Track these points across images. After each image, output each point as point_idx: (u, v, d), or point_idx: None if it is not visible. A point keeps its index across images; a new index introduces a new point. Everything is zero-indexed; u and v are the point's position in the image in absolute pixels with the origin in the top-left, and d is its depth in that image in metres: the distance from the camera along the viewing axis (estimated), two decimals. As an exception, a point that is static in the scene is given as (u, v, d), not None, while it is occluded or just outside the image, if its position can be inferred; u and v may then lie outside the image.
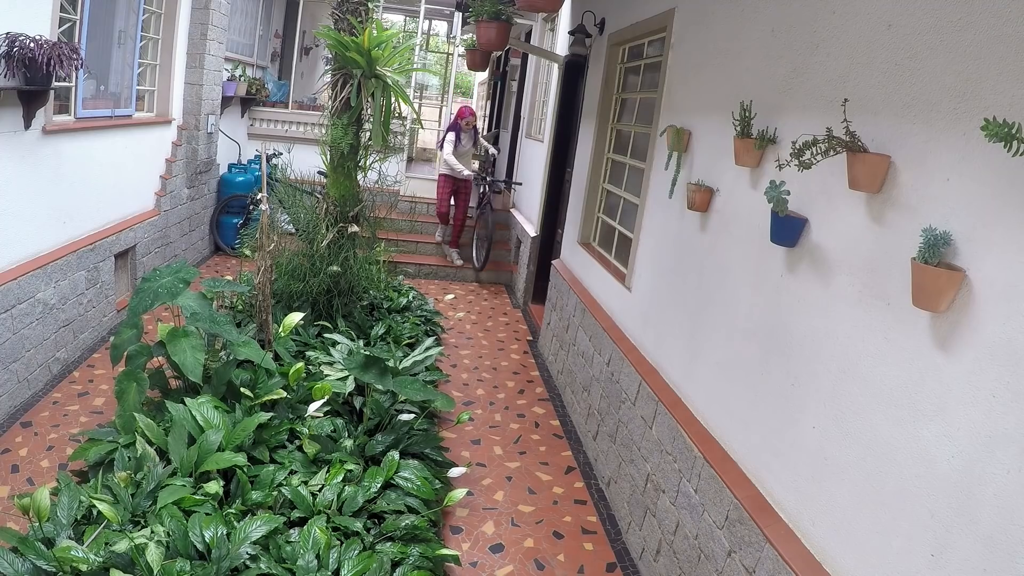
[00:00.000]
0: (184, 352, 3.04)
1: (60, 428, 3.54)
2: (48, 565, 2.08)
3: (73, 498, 2.40)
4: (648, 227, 3.55)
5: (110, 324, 4.82)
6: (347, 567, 2.38)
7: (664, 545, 2.79)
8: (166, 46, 5.74)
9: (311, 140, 7.49)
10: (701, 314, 2.79)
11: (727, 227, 2.64)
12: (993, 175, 1.41)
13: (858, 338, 1.80)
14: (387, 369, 3.40)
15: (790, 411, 2.08)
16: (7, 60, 3.19)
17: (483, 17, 5.09)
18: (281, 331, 3.60)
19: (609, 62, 4.59)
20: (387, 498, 2.87)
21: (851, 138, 1.74)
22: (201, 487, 2.60)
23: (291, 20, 9.47)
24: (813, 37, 2.13)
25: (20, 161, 3.61)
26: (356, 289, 4.75)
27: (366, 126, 4.49)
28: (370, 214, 4.86)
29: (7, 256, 3.59)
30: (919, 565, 1.51)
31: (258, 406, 3.12)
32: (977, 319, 1.42)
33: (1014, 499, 1.30)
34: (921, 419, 1.55)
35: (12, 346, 3.57)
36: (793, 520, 2.02)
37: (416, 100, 10.07)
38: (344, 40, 4.11)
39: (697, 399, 2.76)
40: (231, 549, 2.27)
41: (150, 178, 5.62)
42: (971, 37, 1.50)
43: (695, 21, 3.17)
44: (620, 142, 4.52)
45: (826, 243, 1.98)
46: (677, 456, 2.76)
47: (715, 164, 2.78)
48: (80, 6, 4.15)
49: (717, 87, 2.82)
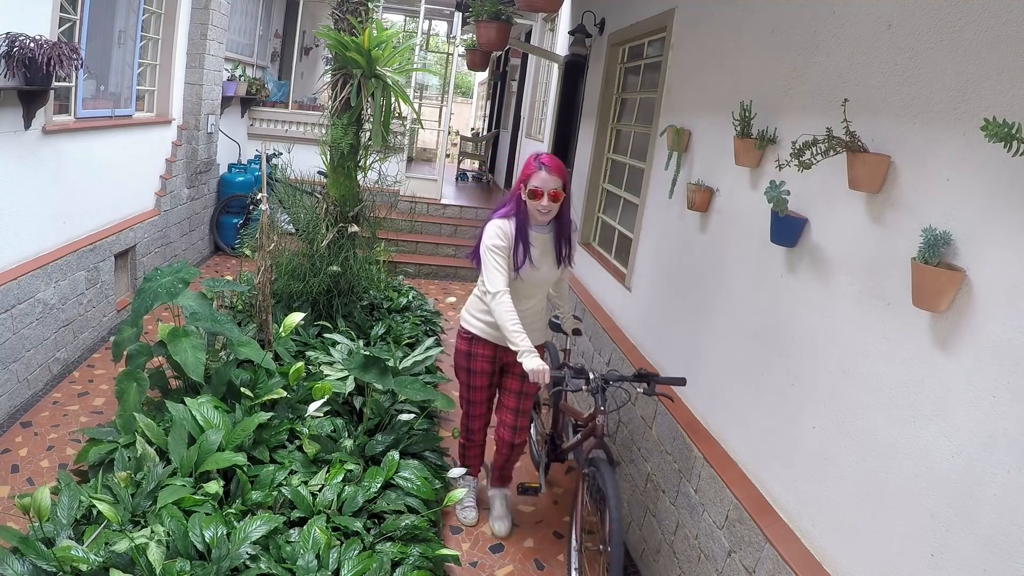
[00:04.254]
0: (185, 352, 3.04)
1: (60, 428, 3.54)
2: (48, 565, 2.08)
3: (73, 498, 2.39)
4: (648, 227, 3.55)
5: (110, 324, 4.81)
6: (347, 567, 2.38)
7: (664, 545, 2.78)
8: (166, 46, 5.74)
9: (311, 140, 7.49)
10: (701, 314, 2.79)
11: (727, 227, 2.64)
12: (993, 175, 1.41)
13: (858, 338, 1.80)
14: (387, 369, 3.40)
15: (790, 411, 2.08)
16: (7, 60, 3.19)
17: (483, 17, 5.10)
18: (281, 331, 3.59)
19: (609, 62, 4.59)
20: (387, 498, 2.87)
21: (851, 138, 1.74)
22: (201, 487, 2.60)
23: (291, 20, 9.47)
24: (813, 37, 2.13)
25: (20, 161, 3.61)
26: (356, 289, 4.75)
27: (366, 126, 4.49)
28: (370, 214, 4.86)
29: (7, 256, 3.59)
30: (919, 565, 1.51)
31: (258, 406, 3.11)
32: (977, 319, 1.42)
33: (1014, 499, 1.30)
34: (921, 419, 1.55)
35: (12, 346, 3.57)
36: (793, 520, 2.02)
37: (416, 100, 10.07)
38: (344, 40, 4.11)
39: (697, 399, 2.76)
40: (231, 549, 2.27)
41: (150, 178, 5.61)
42: (971, 37, 1.50)
43: (695, 21, 3.17)
44: (620, 142, 4.52)
45: (826, 243, 1.98)
46: (677, 456, 2.76)
47: (715, 164, 2.78)
48: (80, 6, 4.14)
49: (717, 87, 2.82)
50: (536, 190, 2.63)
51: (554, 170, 2.64)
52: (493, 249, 2.64)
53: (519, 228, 2.69)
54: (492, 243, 2.64)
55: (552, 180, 2.63)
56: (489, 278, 2.62)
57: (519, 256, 2.69)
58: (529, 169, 2.67)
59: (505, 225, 2.69)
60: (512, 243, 2.68)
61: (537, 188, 2.63)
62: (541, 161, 2.65)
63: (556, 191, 2.63)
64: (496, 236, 2.66)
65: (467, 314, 2.97)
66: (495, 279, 2.60)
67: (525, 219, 2.70)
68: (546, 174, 2.63)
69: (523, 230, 2.70)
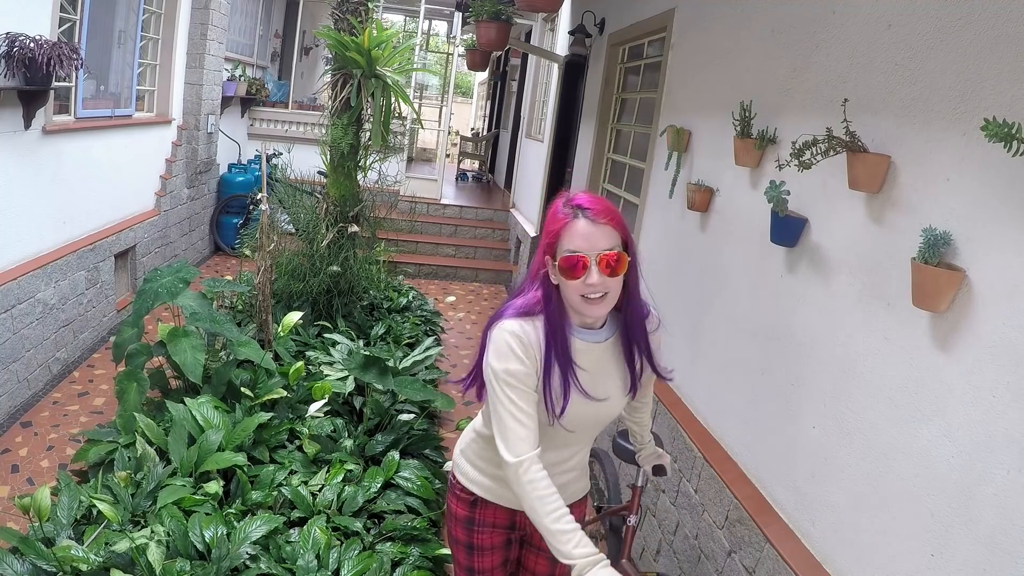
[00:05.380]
0: (184, 352, 3.04)
1: (60, 428, 3.54)
2: (48, 565, 2.08)
3: (73, 498, 2.40)
4: (648, 227, 3.55)
5: (110, 324, 4.81)
6: (347, 567, 2.38)
7: (664, 545, 2.79)
8: (166, 46, 5.74)
9: (311, 140, 7.48)
10: (701, 314, 2.79)
11: (727, 227, 2.64)
12: (993, 175, 1.41)
13: (858, 338, 1.79)
14: (387, 369, 3.40)
15: (790, 411, 2.08)
16: (7, 60, 3.19)
17: (483, 17, 5.10)
18: (281, 331, 3.60)
19: (609, 62, 4.59)
20: (387, 498, 2.87)
21: (851, 138, 1.74)
22: (201, 487, 2.60)
23: (291, 20, 9.47)
24: (813, 37, 2.13)
25: (20, 161, 3.61)
26: (356, 289, 4.75)
27: (366, 126, 4.49)
28: (370, 214, 4.86)
29: (7, 256, 3.59)
30: (919, 565, 1.51)
31: (258, 406, 3.12)
32: (977, 319, 1.42)
33: (1014, 499, 1.30)
34: (921, 419, 1.55)
35: (12, 346, 3.57)
36: (793, 520, 2.02)
37: (416, 100, 10.06)
38: (344, 40, 4.11)
39: (697, 399, 2.76)
40: (231, 549, 2.27)
41: (150, 178, 5.61)
42: (971, 37, 1.50)
43: (695, 21, 3.17)
44: (620, 142, 4.52)
45: (826, 243, 1.98)
46: (677, 456, 2.76)
47: (715, 164, 2.78)
48: (80, 6, 4.14)
49: (717, 87, 2.82)
50: (574, 258, 1.38)
51: (602, 215, 1.40)
52: (507, 380, 1.42)
53: (552, 335, 1.45)
54: (505, 367, 1.43)
55: (601, 234, 1.39)
56: (504, 435, 1.42)
57: (554, 387, 1.46)
58: (558, 221, 1.42)
59: (525, 330, 1.46)
60: (542, 365, 1.45)
61: (576, 254, 1.38)
62: (576, 204, 1.42)
63: (612, 253, 1.39)
64: (509, 354, 1.43)
65: (463, 460, 1.76)
66: (514, 438, 1.40)
67: (561, 317, 1.47)
68: (589, 226, 1.38)
69: (560, 337, 1.46)
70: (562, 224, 1.41)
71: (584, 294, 1.41)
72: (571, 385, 1.48)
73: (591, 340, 1.52)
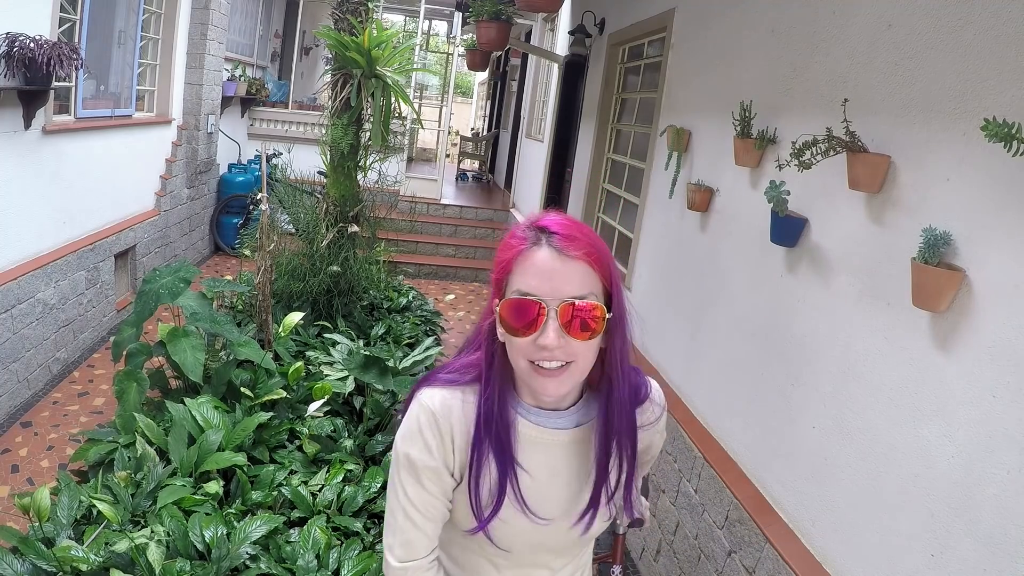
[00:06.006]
0: (184, 352, 3.04)
1: (60, 428, 3.54)
2: (48, 565, 2.08)
3: (73, 498, 2.39)
4: (648, 227, 3.55)
5: (110, 324, 4.81)
6: (347, 567, 2.38)
7: (664, 545, 2.79)
8: (166, 46, 5.74)
9: (311, 140, 7.49)
10: (701, 314, 2.79)
11: (727, 227, 2.64)
12: (993, 175, 1.41)
13: (858, 338, 1.79)
14: (387, 369, 3.40)
15: (790, 411, 2.08)
16: (7, 60, 3.19)
17: (483, 17, 5.10)
18: (281, 331, 3.59)
19: (609, 62, 4.59)
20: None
21: (851, 138, 1.74)
22: (201, 487, 2.60)
23: (291, 20, 9.47)
24: (813, 37, 2.13)
25: (20, 161, 3.61)
26: (356, 289, 4.75)
27: (366, 126, 4.49)
28: (370, 214, 4.86)
29: (7, 256, 3.59)
30: (919, 565, 1.51)
31: (258, 406, 3.11)
32: (977, 319, 1.42)
33: (1014, 499, 1.30)
34: (921, 419, 1.55)
35: (12, 346, 3.57)
36: (793, 520, 2.02)
37: (416, 100, 10.07)
38: (344, 40, 4.11)
39: (697, 399, 2.76)
40: (231, 549, 2.27)
41: (150, 178, 5.61)
42: (971, 37, 1.50)
43: (695, 21, 3.17)
44: (620, 142, 4.52)
45: (826, 243, 1.98)
46: (677, 456, 2.76)
47: (715, 164, 2.78)
48: (80, 6, 4.14)
49: (717, 87, 2.82)
50: (524, 303, 0.93)
51: (576, 245, 0.93)
52: (408, 468, 1.04)
53: (488, 416, 1.01)
54: (407, 452, 1.03)
55: (570, 274, 0.93)
56: (391, 529, 1.08)
57: (486, 486, 1.03)
58: (510, 248, 0.97)
59: (448, 408, 1.04)
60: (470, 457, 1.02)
61: (527, 298, 0.93)
62: (541, 225, 0.96)
63: (583, 304, 0.93)
64: (417, 437, 1.03)
65: None
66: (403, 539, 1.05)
67: (505, 389, 1.03)
68: (553, 258, 0.93)
69: (501, 419, 1.01)
70: (515, 252, 0.95)
71: (534, 359, 0.94)
72: (505, 489, 1.01)
73: (548, 426, 1.04)
